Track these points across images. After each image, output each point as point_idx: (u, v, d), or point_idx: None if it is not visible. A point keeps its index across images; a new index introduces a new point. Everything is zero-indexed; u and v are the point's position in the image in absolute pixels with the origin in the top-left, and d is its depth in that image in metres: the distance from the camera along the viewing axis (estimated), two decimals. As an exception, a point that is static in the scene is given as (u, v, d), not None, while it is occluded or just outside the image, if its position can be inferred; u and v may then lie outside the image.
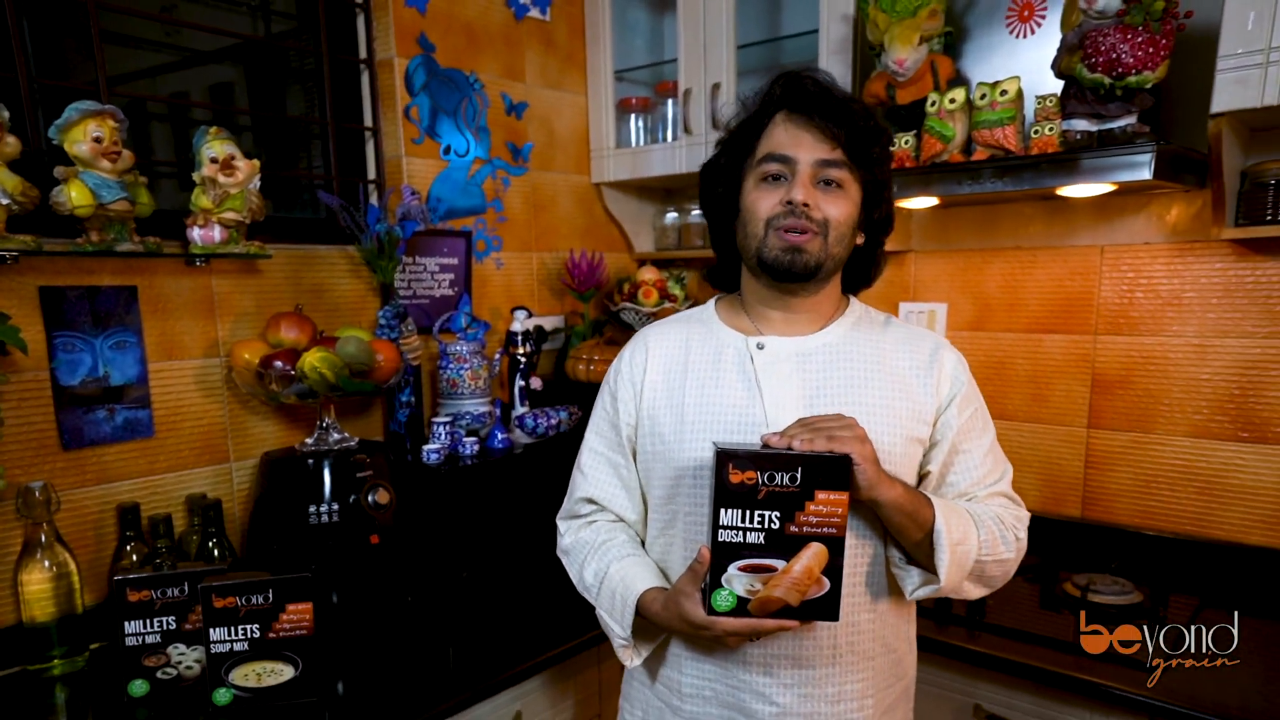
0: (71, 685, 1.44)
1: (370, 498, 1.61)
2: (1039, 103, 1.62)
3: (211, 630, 1.31)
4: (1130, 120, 1.61)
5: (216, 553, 1.58)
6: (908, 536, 1.06)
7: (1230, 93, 1.52)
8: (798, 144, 1.08)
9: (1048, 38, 1.80)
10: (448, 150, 2.14)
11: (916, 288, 2.21)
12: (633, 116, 2.50)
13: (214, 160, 1.59)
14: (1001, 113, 1.62)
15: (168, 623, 1.37)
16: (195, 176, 1.59)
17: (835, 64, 2.00)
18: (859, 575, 1.11)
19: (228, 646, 1.32)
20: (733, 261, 1.22)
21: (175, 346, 1.67)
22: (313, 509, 1.57)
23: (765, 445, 1.00)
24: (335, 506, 1.58)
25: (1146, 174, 1.54)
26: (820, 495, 0.97)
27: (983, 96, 1.65)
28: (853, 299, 1.23)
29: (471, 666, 1.51)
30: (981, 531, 1.08)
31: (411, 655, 1.54)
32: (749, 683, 1.11)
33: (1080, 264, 1.98)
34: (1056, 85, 1.70)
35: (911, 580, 1.10)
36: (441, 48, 2.10)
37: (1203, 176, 1.74)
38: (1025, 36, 1.85)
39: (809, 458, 0.97)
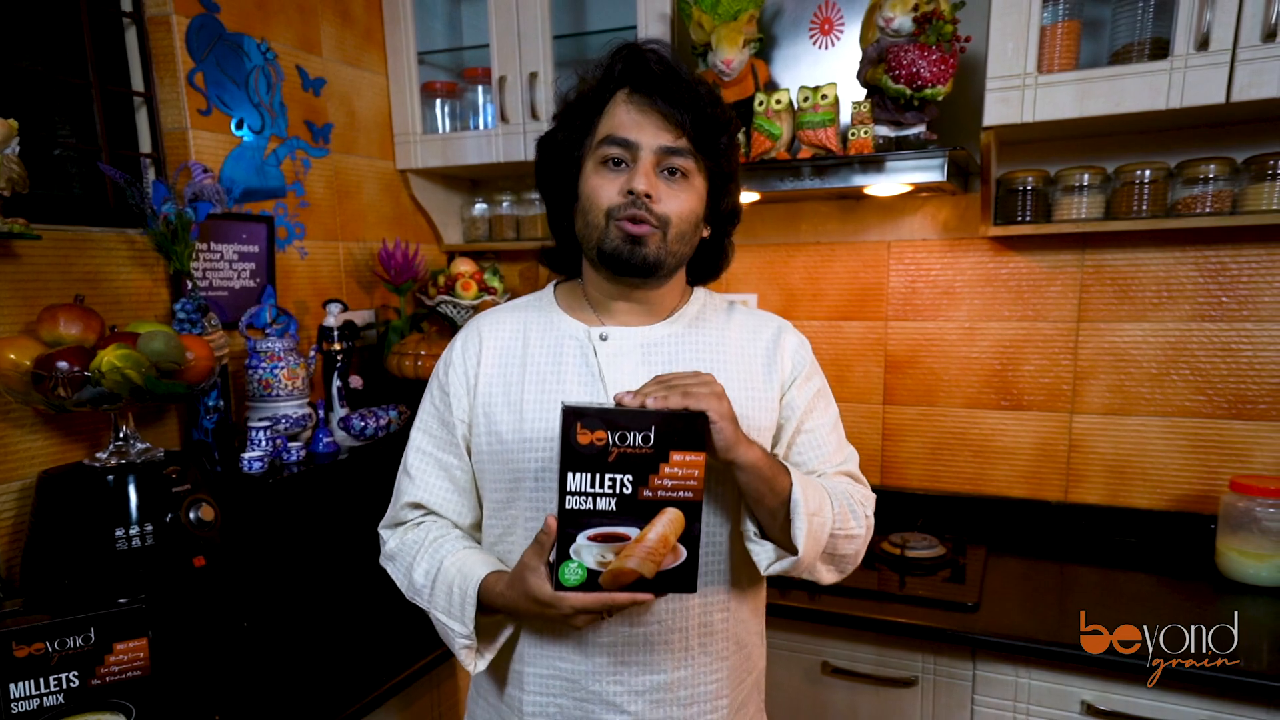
0: None
1: (192, 515, 1.40)
2: (855, 108, 1.78)
3: (12, 686, 1.07)
4: (922, 129, 1.83)
5: (-12, 596, 1.30)
6: (764, 505, 1.00)
7: (997, 110, 1.77)
8: (640, 128, 1.02)
9: (846, 50, 1.99)
10: (240, 125, 1.91)
11: (729, 279, 2.34)
12: (438, 101, 2.40)
13: (-44, 117, 1.31)
14: (823, 115, 1.76)
15: (-61, 686, 1.10)
16: (-67, 137, 1.30)
17: (656, 61, 2.05)
18: (711, 571, 1.07)
19: (35, 703, 1.09)
20: (572, 246, 1.14)
21: (-92, 348, 1.34)
22: (120, 533, 1.34)
23: (618, 404, 0.93)
24: (149, 528, 1.36)
25: (941, 175, 1.75)
26: (675, 456, 0.91)
27: (806, 99, 1.79)
28: (696, 288, 1.19)
29: (321, 698, 1.37)
30: (835, 504, 1.05)
31: (257, 690, 1.37)
32: (599, 693, 1.05)
33: (872, 258, 2.20)
34: (854, 91, 1.88)
35: (766, 554, 1.04)
36: (227, 8, 1.88)
37: (965, 181, 2.02)
38: (826, 48, 2.03)
39: (663, 415, 0.90)
